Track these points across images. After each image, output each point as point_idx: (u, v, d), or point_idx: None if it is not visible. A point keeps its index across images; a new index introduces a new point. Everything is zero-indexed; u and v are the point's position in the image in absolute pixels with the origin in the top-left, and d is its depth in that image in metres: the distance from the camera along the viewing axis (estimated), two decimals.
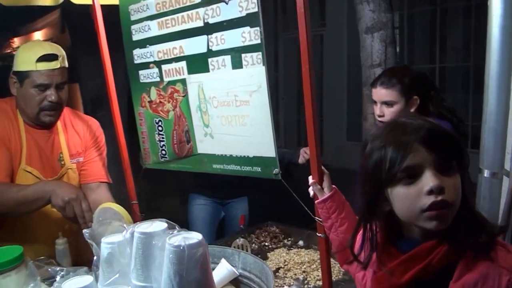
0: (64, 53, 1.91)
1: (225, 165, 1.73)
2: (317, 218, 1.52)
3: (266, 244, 2.36)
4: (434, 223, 0.99)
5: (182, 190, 3.07)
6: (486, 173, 1.75)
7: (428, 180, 0.98)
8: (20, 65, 1.87)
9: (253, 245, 2.34)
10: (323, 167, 1.46)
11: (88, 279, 1.07)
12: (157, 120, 1.93)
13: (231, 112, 1.66)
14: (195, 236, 0.94)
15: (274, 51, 7.48)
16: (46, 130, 2.03)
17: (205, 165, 1.80)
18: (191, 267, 0.89)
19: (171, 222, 1.02)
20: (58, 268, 1.21)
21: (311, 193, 1.48)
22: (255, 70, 1.55)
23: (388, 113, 2.02)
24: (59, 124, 2.07)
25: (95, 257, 1.15)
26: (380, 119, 2.08)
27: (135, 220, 2.06)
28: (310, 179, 1.47)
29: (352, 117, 6.44)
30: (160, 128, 1.92)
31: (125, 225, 1.11)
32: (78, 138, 2.16)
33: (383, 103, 2.04)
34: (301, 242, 2.32)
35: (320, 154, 1.43)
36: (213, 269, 1.91)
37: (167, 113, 1.88)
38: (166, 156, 1.94)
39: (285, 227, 2.48)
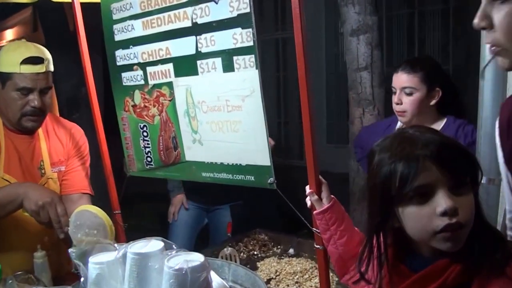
0: (50, 57, 1.81)
1: (215, 174, 1.64)
2: (315, 229, 1.44)
3: (255, 253, 2.27)
4: (448, 245, 0.95)
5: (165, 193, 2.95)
6: (483, 180, 1.71)
7: (441, 201, 0.94)
8: (2, 66, 1.75)
9: (242, 254, 2.26)
10: (320, 177, 1.39)
11: None
12: (141, 125, 1.82)
13: (222, 117, 1.57)
14: (196, 258, 0.85)
15: None
16: (27, 135, 1.91)
17: (194, 173, 1.71)
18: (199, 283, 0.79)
19: (168, 241, 0.93)
20: None
21: (308, 203, 1.40)
22: (247, 74, 1.47)
23: (407, 101, 1.92)
24: (40, 130, 1.94)
25: (82, 279, 1.05)
26: (397, 108, 1.97)
27: (117, 231, 1.95)
28: (307, 189, 1.39)
29: (331, 120, 6.43)
30: (145, 134, 1.82)
31: (116, 244, 1.01)
32: (60, 145, 2.04)
33: (403, 90, 1.94)
34: (291, 250, 2.24)
35: (317, 163, 1.36)
36: None
37: (153, 118, 1.78)
38: (152, 163, 1.84)
39: (274, 234, 2.39)
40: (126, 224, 1.95)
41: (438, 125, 1.96)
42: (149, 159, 1.83)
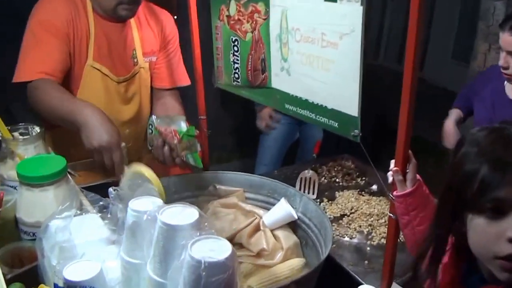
0: None
1: (298, 109, 1.51)
2: (391, 195, 1.30)
3: (337, 180, 2.18)
4: (505, 275, 0.85)
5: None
6: None
7: None
8: None
9: (323, 179, 2.19)
10: (410, 153, 1.20)
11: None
12: (233, 39, 1.70)
13: (315, 51, 1.39)
14: (224, 247, 0.78)
15: None
16: (119, 23, 1.88)
17: (277, 102, 1.59)
18: None
19: (203, 214, 0.87)
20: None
21: (390, 178, 1.25)
22: (350, 9, 1.24)
23: None
24: (132, 19, 1.90)
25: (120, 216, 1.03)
26: (504, 71, 1.76)
27: (200, 137, 1.95)
28: (392, 164, 1.23)
29: (461, 35, 5.71)
30: (236, 49, 1.70)
31: (155, 197, 0.97)
32: (152, 35, 2.00)
33: (509, 54, 1.66)
34: (374, 187, 2.11)
35: (409, 138, 1.16)
36: (273, 204, 1.82)
37: (245, 34, 1.64)
38: (238, 80, 1.74)
39: (361, 164, 2.26)
40: (210, 130, 1.92)
41: None
42: (236, 75, 1.73)
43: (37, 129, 1.57)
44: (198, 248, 0.76)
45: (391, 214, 1.30)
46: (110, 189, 1.03)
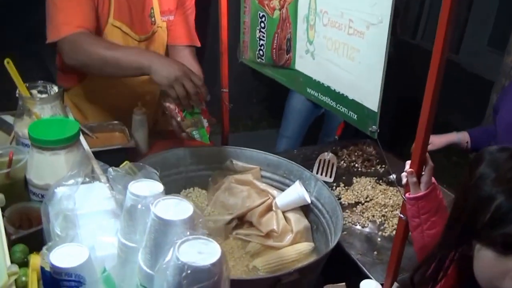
0: None
1: (320, 95, 1.47)
2: (403, 196, 1.26)
3: (357, 165, 2.14)
4: None
5: None
6: None
7: None
8: None
9: (342, 162, 2.14)
10: (428, 156, 1.15)
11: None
12: (261, 15, 1.64)
13: (341, 38, 1.33)
14: (213, 250, 0.76)
15: None
16: None
17: (299, 84, 1.55)
18: None
19: (198, 211, 0.85)
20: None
21: (404, 180, 1.20)
22: None
23: None
24: None
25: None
26: None
27: (223, 110, 1.93)
28: (407, 165, 1.18)
29: (500, 21, 5.42)
30: (262, 25, 1.64)
31: (155, 182, 0.95)
32: None
33: None
34: (393, 176, 2.05)
35: (427, 140, 1.11)
36: (288, 186, 1.80)
37: (273, 11, 1.58)
38: (263, 57, 1.69)
39: (383, 151, 2.19)
40: (232, 104, 1.90)
41: None
42: (261, 52, 1.69)
43: (55, 88, 1.57)
44: (185, 249, 0.74)
45: (401, 215, 1.26)
46: (110, 169, 1.02)
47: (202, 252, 0.75)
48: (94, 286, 0.71)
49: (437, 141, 2.11)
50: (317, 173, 2.03)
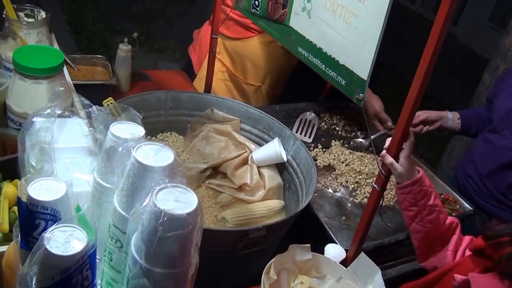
0: None
1: (310, 55, 1.45)
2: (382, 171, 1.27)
3: (337, 129, 2.15)
4: None
5: None
6: None
7: None
8: None
9: (323, 124, 2.15)
10: (411, 130, 1.15)
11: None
12: None
13: None
14: (190, 200, 0.76)
15: None
16: None
17: (291, 42, 1.52)
18: (167, 242, 0.74)
19: (179, 160, 0.84)
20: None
21: (388, 160, 1.20)
22: None
23: None
24: None
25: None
26: None
27: (210, 57, 1.90)
28: (388, 142, 1.18)
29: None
30: None
31: (138, 125, 0.94)
32: None
33: None
34: (365, 140, 2.08)
35: (413, 114, 1.11)
36: (266, 141, 1.80)
37: None
38: (258, 9, 1.65)
39: (367, 119, 2.20)
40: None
41: None
42: (256, 3, 1.64)
43: (43, 13, 1.52)
44: (163, 197, 0.75)
45: (375, 186, 1.28)
46: (94, 108, 1.00)
47: (179, 200, 0.75)
48: (68, 222, 0.71)
49: (434, 114, 2.08)
50: (296, 132, 2.04)
